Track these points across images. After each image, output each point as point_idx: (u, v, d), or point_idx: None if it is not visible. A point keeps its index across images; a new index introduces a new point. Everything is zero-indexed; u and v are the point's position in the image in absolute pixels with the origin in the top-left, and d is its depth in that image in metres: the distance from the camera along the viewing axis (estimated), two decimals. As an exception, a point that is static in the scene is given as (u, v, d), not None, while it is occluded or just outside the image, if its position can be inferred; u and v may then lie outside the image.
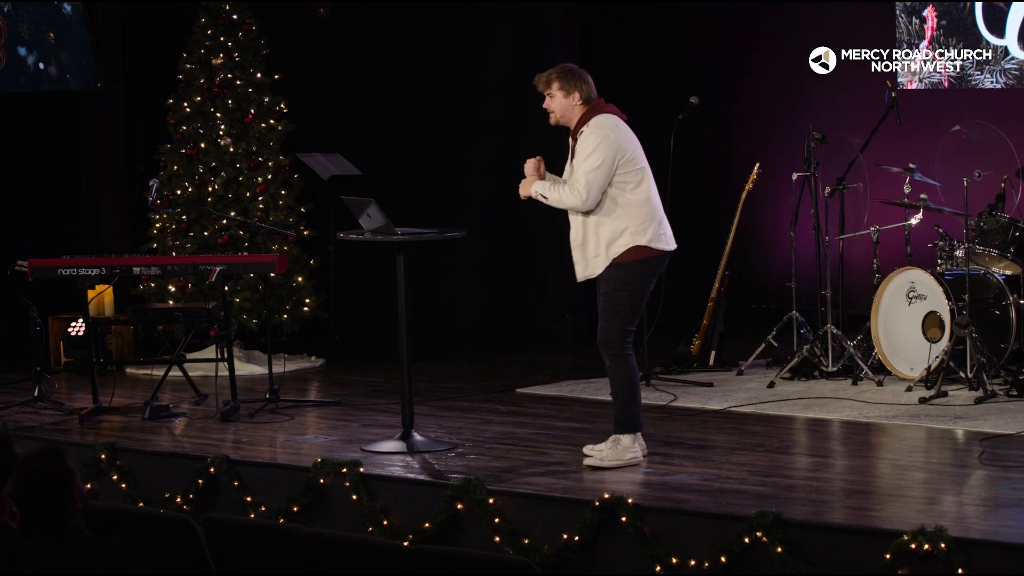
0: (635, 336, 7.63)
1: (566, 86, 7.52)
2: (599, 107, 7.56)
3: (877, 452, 8.03)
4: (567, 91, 7.52)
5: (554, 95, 7.54)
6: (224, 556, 5.84)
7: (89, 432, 8.83)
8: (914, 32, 11.57)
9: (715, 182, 12.27)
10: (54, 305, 10.99)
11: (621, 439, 7.55)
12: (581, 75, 7.55)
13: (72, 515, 4.81)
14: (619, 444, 7.54)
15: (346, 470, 7.41)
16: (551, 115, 7.59)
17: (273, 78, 11.30)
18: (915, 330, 9.49)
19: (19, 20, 11.50)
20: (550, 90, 7.54)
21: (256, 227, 10.36)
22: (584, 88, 7.54)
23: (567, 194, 7.46)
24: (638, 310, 7.59)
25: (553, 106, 7.56)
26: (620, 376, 7.53)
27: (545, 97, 7.59)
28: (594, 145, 7.43)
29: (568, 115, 7.56)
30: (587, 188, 7.40)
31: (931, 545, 5.89)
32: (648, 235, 7.49)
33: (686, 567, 6.41)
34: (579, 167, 7.44)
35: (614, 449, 7.54)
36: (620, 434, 7.55)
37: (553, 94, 7.54)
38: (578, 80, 7.53)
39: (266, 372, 9.66)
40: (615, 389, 7.58)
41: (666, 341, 10.34)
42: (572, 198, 7.45)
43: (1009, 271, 9.60)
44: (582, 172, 7.42)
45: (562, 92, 7.53)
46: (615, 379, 7.56)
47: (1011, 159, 9.92)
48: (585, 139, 7.47)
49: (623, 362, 7.52)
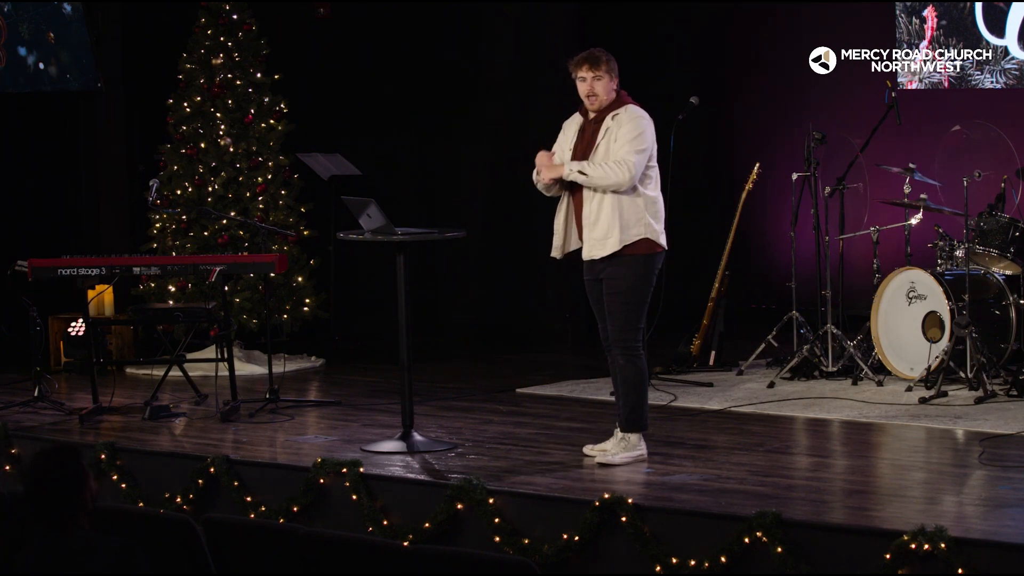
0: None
1: (612, 70, 7.54)
2: (627, 97, 7.62)
3: (877, 452, 8.03)
4: (612, 75, 7.54)
5: (602, 77, 7.51)
6: (224, 556, 5.85)
7: (89, 432, 8.83)
8: (914, 32, 11.57)
9: (715, 182, 12.27)
10: (54, 305, 10.99)
11: (630, 437, 7.57)
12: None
13: (80, 514, 4.83)
14: (628, 441, 7.56)
15: (346, 470, 7.41)
16: (593, 98, 7.53)
17: (273, 78, 11.30)
18: (915, 330, 9.49)
19: (19, 20, 11.50)
20: (599, 71, 7.50)
21: (256, 227, 10.36)
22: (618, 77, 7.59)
23: (612, 170, 7.38)
24: (647, 306, 7.57)
25: (598, 88, 7.51)
26: (634, 375, 7.53)
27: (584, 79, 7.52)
28: (640, 129, 7.45)
29: (608, 99, 7.54)
30: (635, 165, 7.39)
31: (931, 545, 5.89)
32: (658, 230, 7.52)
33: (686, 567, 6.41)
34: (624, 146, 7.40)
35: (624, 447, 7.56)
36: (630, 433, 7.57)
37: (601, 76, 7.51)
38: (617, 66, 7.58)
39: (266, 372, 9.66)
40: (627, 388, 7.55)
41: (666, 341, 10.33)
42: (619, 173, 7.37)
43: (1009, 271, 9.60)
44: (630, 150, 7.39)
45: (609, 75, 7.53)
46: (628, 378, 7.53)
47: (1011, 159, 9.93)
48: (627, 122, 7.46)
49: (638, 361, 7.53)
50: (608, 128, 7.49)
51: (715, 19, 12.65)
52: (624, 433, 7.57)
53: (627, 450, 7.54)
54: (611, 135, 7.47)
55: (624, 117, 7.49)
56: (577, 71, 7.55)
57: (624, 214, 7.43)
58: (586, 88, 7.53)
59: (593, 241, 7.48)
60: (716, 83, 12.32)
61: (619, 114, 7.50)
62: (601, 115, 7.54)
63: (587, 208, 7.49)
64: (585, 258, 7.55)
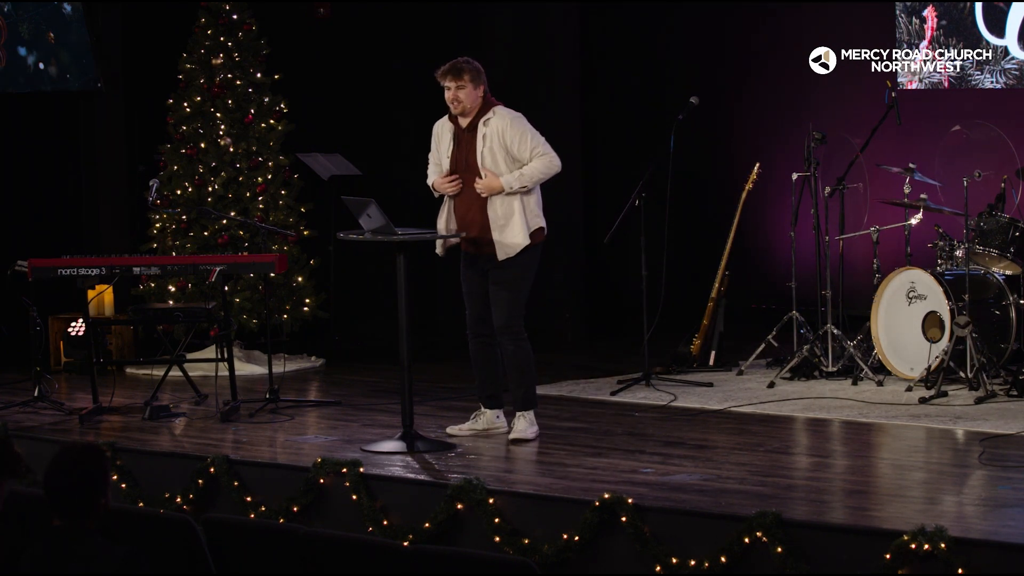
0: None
1: (477, 79, 8.08)
2: (493, 100, 8.16)
3: (877, 452, 8.04)
4: (476, 83, 8.08)
5: (465, 86, 8.05)
6: (224, 556, 5.85)
7: (89, 432, 8.84)
8: (914, 32, 11.57)
9: (715, 182, 12.27)
10: (54, 305, 10.99)
11: (528, 415, 8.21)
12: (482, 70, 8.13)
13: (91, 515, 4.85)
14: (528, 418, 8.21)
15: (346, 470, 7.41)
16: (456, 104, 8.07)
17: (273, 78, 11.31)
18: (915, 330, 9.49)
19: (19, 20, 11.50)
20: (461, 81, 8.05)
21: (256, 227, 10.36)
22: (485, 82, 8.13)
23: (542, 164, 8.02)
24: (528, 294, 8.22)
25: (462, 96, 8.05)
26: (525, 358, 8.15)
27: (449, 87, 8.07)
28: (523, 126, 8.08)
29: (474, 106, 8.08)
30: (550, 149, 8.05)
31: (931, 545, 5.89)
32: (542, 219, 8.16)
33: (686, 567, 6.41)
34: (526, 144, 8.01)
35: (530, 422, 8.20)
36: (528, 410, 8.21)
37: (464, 85, 8.05)
38: (483, 74, 8.13)
39: (266, 372, 9.66)
40: (520, 371, 8.15)
41: (666, 341, 10.34)
42: (550, 163, 8.05)
43: (1009, 271, 9.60)
44: (535, 143, 8.03)
45: (472, 84, 8.06)
46: (520, 362, 8.14)
47: (1011, 159, 9.92)
48: (509, 126, 8.05)
49: (526, 344, 8.16)
50: (485, 134, 8.07)
51: (715, 19, 12.64)
52: (523, 412, 8.19)
53: (532, 424, 8.21)
54: (492, 141, 8.06)
55: (499, 122, 8.07)
56: (443, 81, 8.10)
57: (528, 209, 8.08)
58: (450, 95, 8.08)
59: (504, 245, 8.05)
60: (716, 83, 12.32)
61: (490, 119, 8.08)
62: (473, 122, 8.09)
63: (493, 212, 8.06)
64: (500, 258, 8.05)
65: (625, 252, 10.79)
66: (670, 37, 12.88)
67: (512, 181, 8.00)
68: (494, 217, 8.04)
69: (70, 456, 4.90)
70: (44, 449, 8.10)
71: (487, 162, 8.04)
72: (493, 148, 8.04)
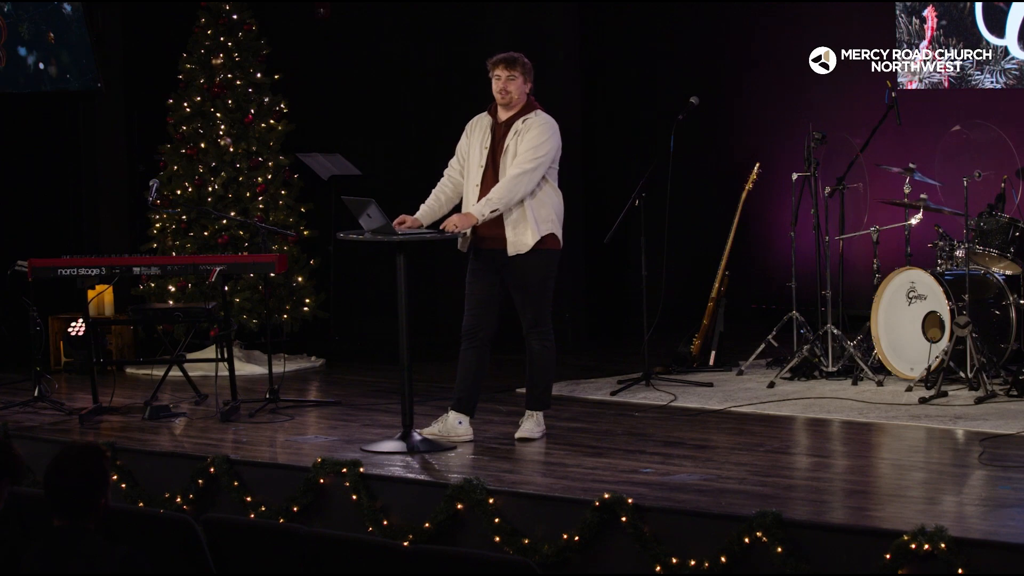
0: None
1: (527, 74, 8.07)
2: (536, 104, 8.13)
3: (877, 452, 8.04)
4: (526, 79, 8.07)
5: (516, 78, 8.03)
6: (224, 556, 5.85)
7: (89, 432, 8.83)
8: (914, 32, 11.57)
9: (715, 182, 12.27)
10: (54, 305, 10.99)
11: (538, 415, 8.25)
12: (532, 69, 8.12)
13: (91, 515, 4.85)
14: (537, 419, 8.24)
15: (346, 470, 7.41)
16: (504, 95, 8.03)
17: (273, 78, 11.31)
18: (915, 330, 9.49)
19: (19, 20, 11.50)
20: (513, 72, 8.03)
21: (256, 227, 10.36)
22: (533, 82, 8.11)
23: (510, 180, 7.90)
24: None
25: (512, 88, 8.02)
26: (547, 359, 8.23)
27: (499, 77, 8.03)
28: (548, 134, 8.02)
29: (519, 101, 8.06)
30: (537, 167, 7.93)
31: (931, 545, 5.89)
32: (560, 229, 8.12)
33: (686, 567, 6.41)
34: (525, 152, 7.95)
35: (538, 423, 8.22)
36: (539, 410, 8.24)
37: (516, 77, 8.02)
38: (532, 73, 8.12)
39: (266, 372, 9.66)
40: (543, 372, 8.21)
41: (666, 341, 10.34)
42: (518, 180, 7.91)
43: (1009, 271, 9.60)
44: (532, 155, 7.93)
45: (523, 77, 8.06)
46: (543, 362, 8.20)
47: (1011, 159, 9.93)
48: (537, 127, 8.00)
49: (551, 346, 8.25)
50: (518, 131, 8.04)
51: (715, 19, 12.64)
52: (534, 411, 8.22)
53: (539, 425, 8.23)
54: (519, 136, 8.02)
55: (534, 122, 8.03)
56: (493, 70, 8.06)
57: (540, 213, 8.02)
58: (500, 85, 8.04)
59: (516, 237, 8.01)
60: (716, 83, 12.32)
61: (529, 118, 8.05)
62: (512, 119, 8.06)
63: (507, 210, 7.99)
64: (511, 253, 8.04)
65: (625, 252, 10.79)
66: (670, 37, 12.88)
67: (482, 209, 7.94)
68: (507, 213, 8.01)
69: (70, 456, 4.90)
70: (44, 449, 8.09)
71: (508, 159, 8.01)
72: (517, 144, 8.01)
